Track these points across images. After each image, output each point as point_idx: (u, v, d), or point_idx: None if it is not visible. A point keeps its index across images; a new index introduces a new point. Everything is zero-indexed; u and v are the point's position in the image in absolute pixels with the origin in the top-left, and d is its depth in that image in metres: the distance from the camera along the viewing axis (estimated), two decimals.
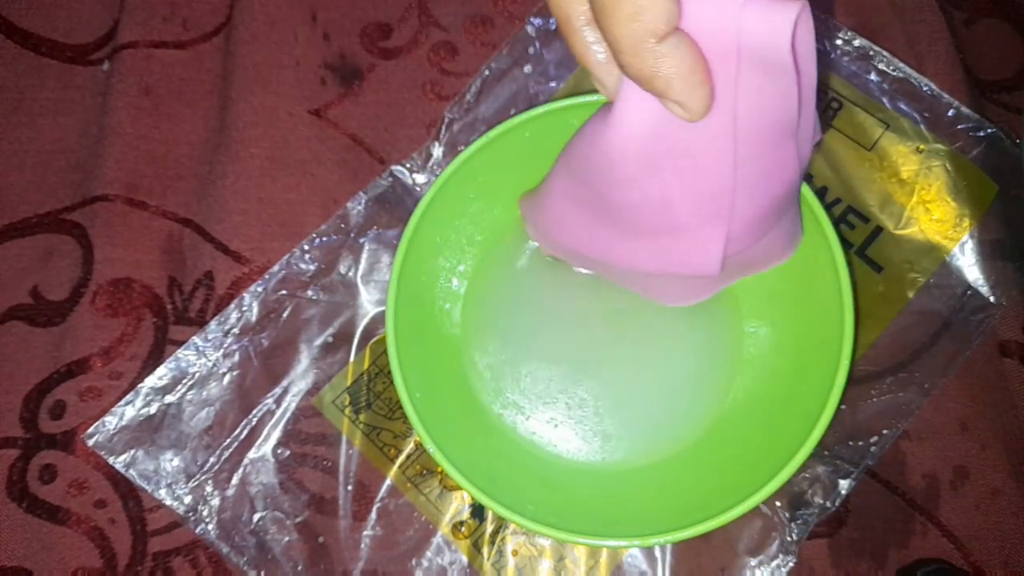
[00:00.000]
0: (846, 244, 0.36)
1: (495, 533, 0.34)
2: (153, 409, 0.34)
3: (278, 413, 0.35)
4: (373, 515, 0.34)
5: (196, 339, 0.35)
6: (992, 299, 0.36)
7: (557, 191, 0.30)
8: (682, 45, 0.20)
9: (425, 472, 0.34)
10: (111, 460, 0.34)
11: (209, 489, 0.34)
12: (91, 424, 0.34)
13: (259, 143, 0.38)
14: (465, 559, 0.34)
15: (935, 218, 0.37)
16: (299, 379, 0.35)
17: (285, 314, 0.36)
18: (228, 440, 0.34)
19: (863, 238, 0.36)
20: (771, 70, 0.22)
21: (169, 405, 0.34)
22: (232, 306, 0.36)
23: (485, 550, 0.34)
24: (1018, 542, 0.34)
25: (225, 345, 0.35)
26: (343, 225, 0.37)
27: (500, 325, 0.35)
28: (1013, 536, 0.34)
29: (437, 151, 0.38)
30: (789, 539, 0.33)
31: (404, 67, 0.40)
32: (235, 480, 0.34)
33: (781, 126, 0.24)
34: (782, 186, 0.26)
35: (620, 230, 0.28)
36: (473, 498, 0.30)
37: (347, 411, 0.35)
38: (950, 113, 0.37)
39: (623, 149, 0.24)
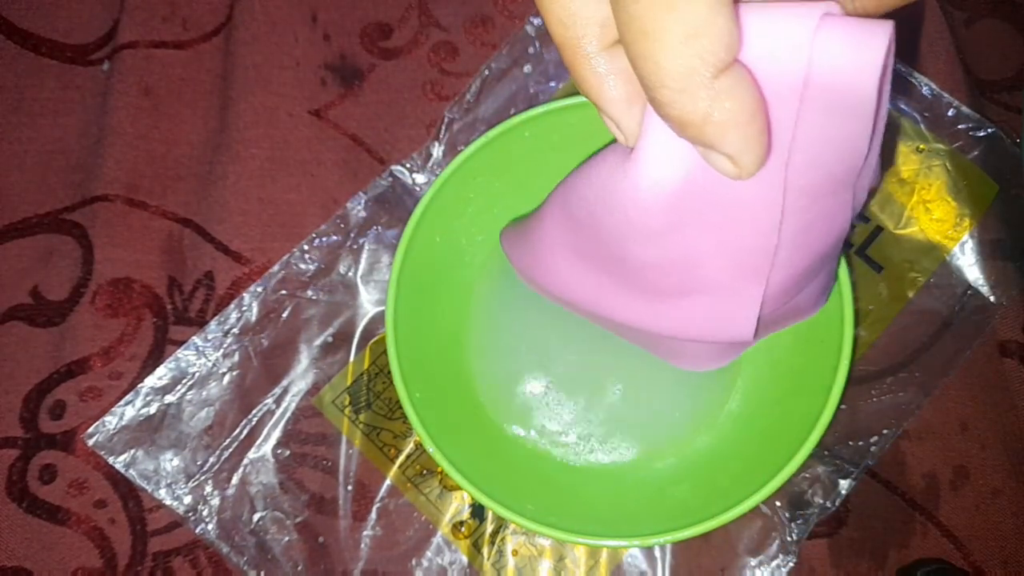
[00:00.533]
0: (846, 244, 0.36)
1: (495, 533, 0.34)
2: (153, 409, 0.34)
3: (278, 413, 0.35)
4: (373, 515, 0.34)
5: (196, 339, 0.35)
6: (992, 299, 0.36)
7: (552, 237, 0.25)
8: (743, 83, 0.15)
9: (425, 472, 0.34)
10: (111, 460, 0.34)
11: (209, 489, 0.34)
12: (91, 424, 0.34)
13: (259, 143, 0.38)
14: (465, 559, 0.34)
15: (935, 218, 0.37)
16: (299, 379, 0.35)
17: (285, 314, 0.36)
18: (228, 440, 0.34)
19: (863, 238, 0.36)
20: (841, 112, 0.17)
21: (169, 405, 0.34)
22: (232, 306, 0.36)
23: (485, 550, 0.34)
24: (1018, 542, 0.34)
25: (225, 345, 0.35)
26: (343, 225, 0.37)
27: (500, 326, 0.35)
28: (1013, 536, 0.34)
29: (437, 151, 0.38)
30: (789, 539, 0.33)
31: (404, 67, 0.40)
32: (235, 480, 0.34)
33: (841, 175, 0.20)
34: (830, 238, 0.22)
35: (632, 288, 0.24)
36: (473, 498, 0.30)
37: (347, 411, 0.35)
38: (950, 113, 0.37)
39: (644, 203, 0.19)
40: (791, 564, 0.33)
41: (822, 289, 0.27)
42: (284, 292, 0.36)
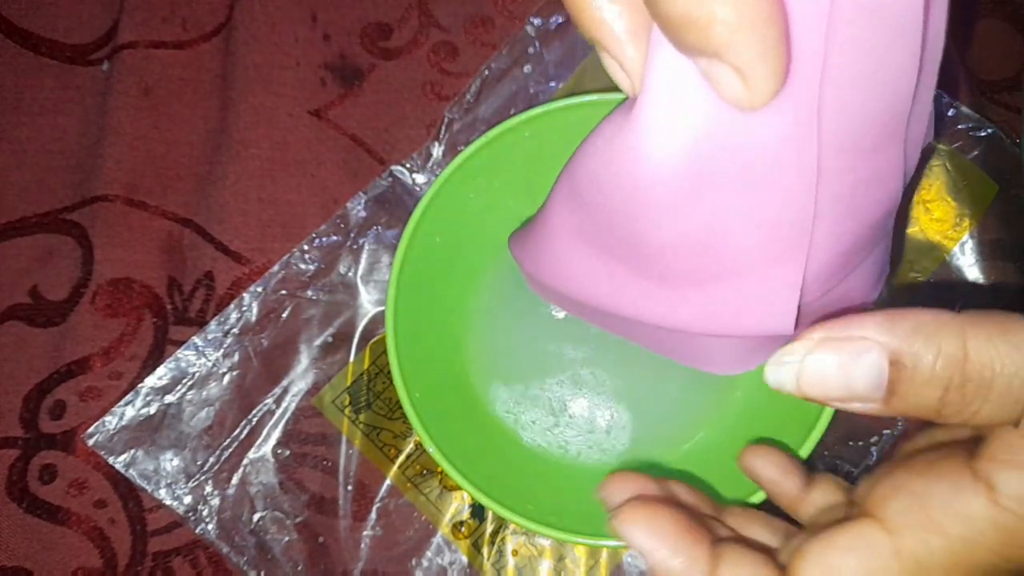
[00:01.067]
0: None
1: (495, 533, 0.34)
2: (153, 409, 0.34)
3: (278, 413, 0.35)
4: (373, 515, 0.34)
5: (196, 339, 0.35)
6: (992, 299, 0.36)
7: (558, 225, 0.22)
8: None
9: (425, 472, 0.34)
10: (111, 460, 0.34)
11: (209, 489, 0.34)
12: (91, 424, 0.34)
13: (259, 143, 0.38)
14: (465, 559, 0.34)
15: (935, 218, 0.37)
16: (299, 379, 0.35)
17: (285, 314, 0.36)
18: (228, 440, 0.34)
19: None
20: (882, 29, 0.14)
21: (169, 405, 0.34)
22: (232, 306, 0.36)
23: (485, 550, 0.34)
24: None
25: (225, 345, 0.35)
26: (343, 225, 0.37)
27: (500, 326, 0.35)
28: None
29: (437, 151, 0.38)
30: None
31: (404, 67, 0.40)
32: (235, 480, 0.34)
33: (887, 122, 0.16)
34: (880, 208, 0.19)
35: (649, 277, 0.20)
36: (473, 498, 0.30)
37: (347, 411, 0.35)
38: (950, 113, 0.37)
39: (651, 167, 0.16)
40: None
41: (876, 273, 0.22)
42: (284, 292, 0.36)
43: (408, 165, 0.38)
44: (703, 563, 0.18)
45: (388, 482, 0.34)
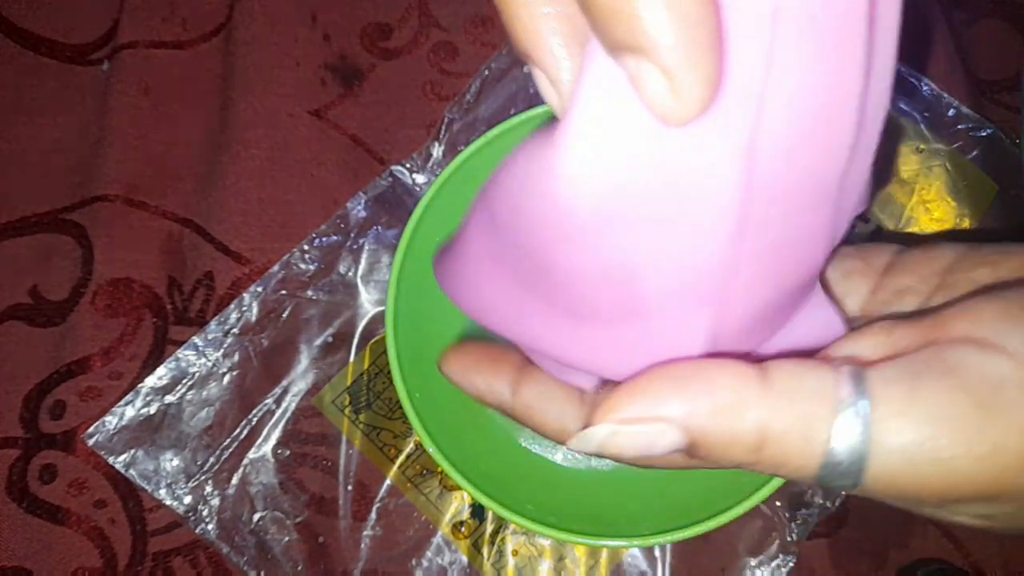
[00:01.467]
0: (846, 244, 0.36)
1: (495, 533, 0.34)
2: (153, 409, 0.34)
3: (278, 413, 0.35)
4: (373, 515, 0.34)
5: (196, 339, 0.35)
6: None
7: (473, 243, 0.20)
8: None
9: (425, 472, 0.34)
10: (111, 460, 0.34)
11: (209, 489, 0.34)
12: (91, 424, 0.34)
13: (259, 144, 0.38)
14: (465, 559, 0.34)
15: (935, 218, 0.37)
16: (299, 379, 0.35)
17: (285, 314, 0.36)
18: (228, 440, 0.34)
19: (863, 238, 0.36)
20: (823, 92, 0.14)
21: (169, 405, 0.34)
22: (232, 306, 0.36)
23: (485, 550, 0.34)
24: (1018, 542, 0.34)
25: (225, 345, 0.35)
26: (343, 225, 0.37)
27: None
28: (1013, 536, 0.34)
29: (437, 151, 0.38)
30: (789, 539, 0.33)
31: (404, 67, 0.40)
32: (235, 480, 0.34)
33: (823, 179, 0.16)
34: (799, 274, 0.18)
35: (558, 309, 0.18)
36: (473, 498, 0.30)
37: (347, 411, 0.35)
38: (950, 113, 0.37)
39: (573, 188, 0.15)
40: (791, 564, 0.33)
41: (824, 319, 0.21)
42: (284, 292, 0.36)
43: (408, 165, 0.38)
44: (506, 382, 0.22)
45: (388, 482, 0.34)
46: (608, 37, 0.13)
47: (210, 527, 0.33)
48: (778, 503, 0.33)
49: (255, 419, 0.35)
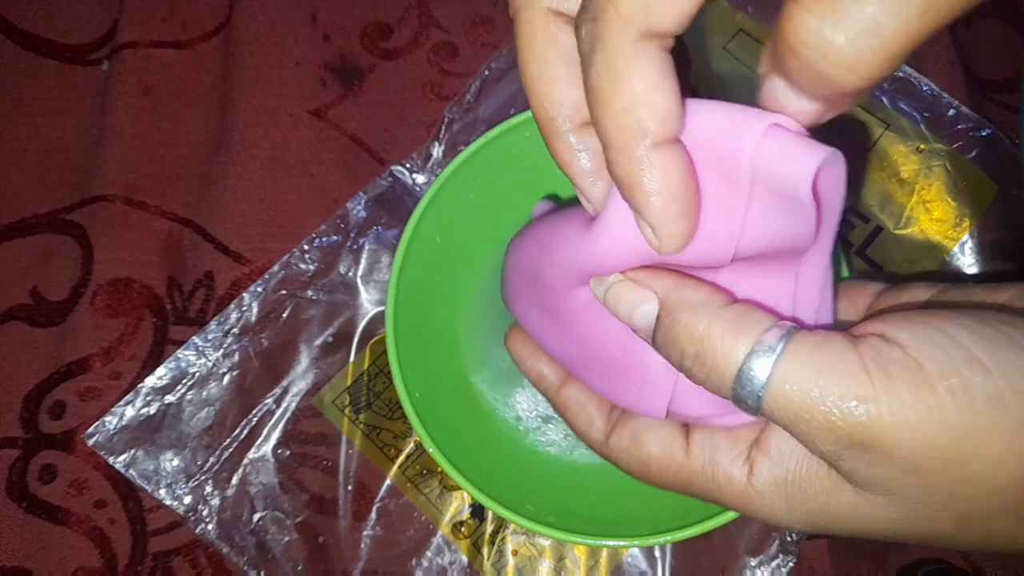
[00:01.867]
0: (846, 244, 0.36)
1: (495, 533, 0.34)
2: (153, 409, 0.34)
3: (278, 413, 0.35)
4: (373, 515, 0.34)
5: (196, 339, 0.35)
6: None
7: (515, 274, 0.27)
8: (676, 163, 0.17)
9: (425, 472, 0.34)
10: (111, 460, 0.34)
11: (209, 489, 0.34)
12: (91, 424, 0.34)
13: (259, 143, 0.38)
14: (465, 559, 0.34)
15: (935, 218, 0.37)
16: (299, 379, 0.35)
17: (285, 314, 0.36)
18: (228, 440, 0.34)
19: (863, 238, 0.36)
20: (784, 212, 0.18)
21: (169, 405, 0.34)
22: (232, 306, 0.36)
23: (485, 550, 0.34)
24: None
25: (225, 345, 0.35)
26: (343, 225, 0.37)
27: (500, 326, 0.35)
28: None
29: (437, 151, 0.38)
30: (789, 539, 0.33)
31: (404, 67, 0.40)
32: (235, 480, 0.34)
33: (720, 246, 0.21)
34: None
35: (572, 344, 0.25)
36: (473, 498, 0.30)
37: (347, 411, 0.35)
38: (950, 113, 0.37)
39: (598, 266, 0.21)
40: (791, 564, 0.33)
41: None
42: (284, 292, 0.36)
43: (408, 165, 0.38)
44: (554, 379, 0.27)
45: (388, 482, 0.34)
46: (620, 191, 0.18)
47: (210, 527, 0.33)
48: None
49: (255, 419, 0.35)
